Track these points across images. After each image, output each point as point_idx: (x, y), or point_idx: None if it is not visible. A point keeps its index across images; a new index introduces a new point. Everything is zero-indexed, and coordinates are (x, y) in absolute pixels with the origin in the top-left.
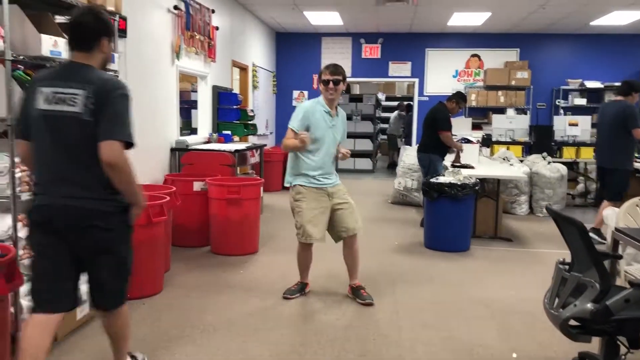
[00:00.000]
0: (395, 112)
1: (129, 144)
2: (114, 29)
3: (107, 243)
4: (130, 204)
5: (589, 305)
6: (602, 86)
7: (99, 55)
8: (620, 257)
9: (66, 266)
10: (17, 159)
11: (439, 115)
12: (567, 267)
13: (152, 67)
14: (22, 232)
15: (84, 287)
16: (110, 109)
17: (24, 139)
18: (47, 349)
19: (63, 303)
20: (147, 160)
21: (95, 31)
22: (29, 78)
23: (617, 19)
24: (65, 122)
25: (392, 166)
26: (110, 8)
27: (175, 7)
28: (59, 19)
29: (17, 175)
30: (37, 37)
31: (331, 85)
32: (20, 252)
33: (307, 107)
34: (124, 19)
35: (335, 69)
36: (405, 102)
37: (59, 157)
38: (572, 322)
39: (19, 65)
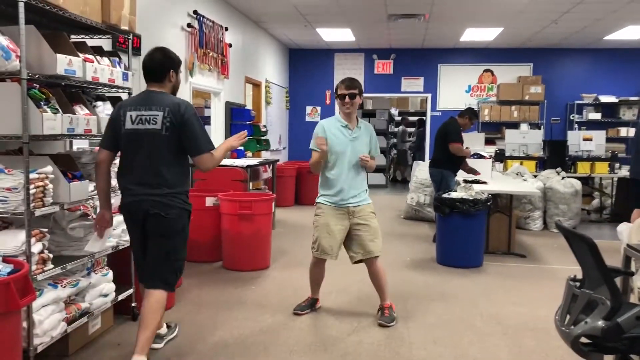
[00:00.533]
0: (400, 127)
1: (212, 149)
2: (179, 62)
3: (164, 228)
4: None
5: (600, 323)
6: (616, 101)
7: (169, 84)
8: (632, 273)
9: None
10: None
11: (449, 128)
12: (578, 283)
13: None
14: (36, 248)
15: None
16: (188, 128)
17: (107, 149)
18: None
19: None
20: None
21: (163, 65)
22: (44, 96)
23: (631, 33)
24: (148, 137)
25: (395, 180)
26: (124, 27)
27: (189, 25)
28: (74, 38)
29: (32, 191)
30: (53, 56)
31: (347, 99)
32: (34, 267)
33: (323, 123)
34: (138, 37)
35: (351, 82)
36: (417, 118)
37: (139, 165)
38: (584, 340)
39: (34, 84)
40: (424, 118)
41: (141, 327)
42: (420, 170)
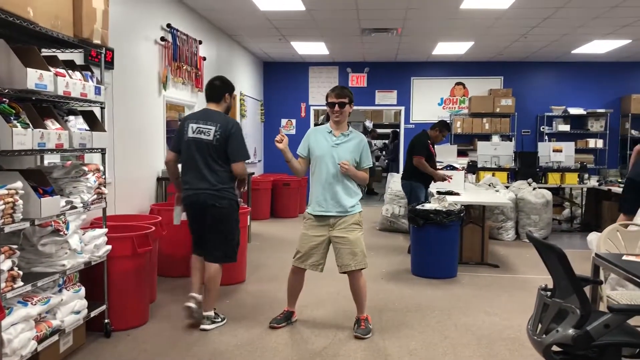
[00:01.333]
0: None
1: (246, 159)
2: (233, 88)
3: (220, 217)
4: (239, 187)
5: (571, 331)
6: (584, 113)
7: (224, 104)
8: (601, 282)
9: (203, 230)
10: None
11: (416, 141)
12: (549, 293)
13: (139, 98)
14: (5, 265)
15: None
16: (234, 140)
17: (173, 151)
18: (203, 268)
19: (202, 251)
20: (133, 190)
21: (221, 89)
22: (13, 111)
23: (597, 47)
24: (203, 145)
25: (371, 192)
26: (97, 41)
27: (162, 39)
28: (45, 52)
29: (1, 207)
30: (23, 70)
31: (337, 108)
32: (3, 284)
33: (310, 130)
34: (110, 51)
35: (341, 91)
36: (391, 130)
37: (197, 165)
38: (556, 348)
39: (4, 99)
40: (398, 130)
41: (206, 291)
42: (395, 182)
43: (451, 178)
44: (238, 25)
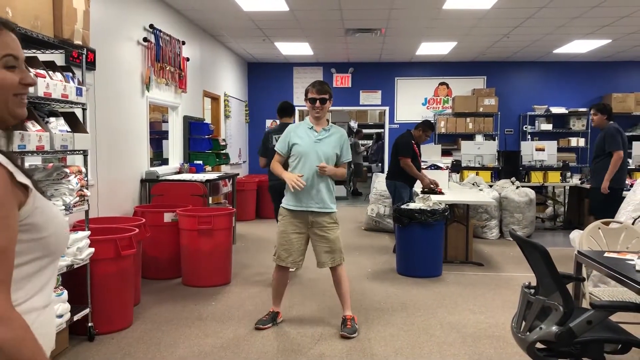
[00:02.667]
0: (351, 140)
1: None
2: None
3: None
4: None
5: (554, 328)
6: (566, 112)
7: (293, 118)
8: (583, 279)
9: None
10: None
11: (400, 142)
12: (532, 290)
13: (121, 99)
14: None
15: None
16: None
17: (264, 157)
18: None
19: None
20: (116, 192)
21: (292, 109)
22: None
23: (578, 47)
24: None
25: (356, 192)
26: (78, 42)
27: (145, 39)
28: (25, 52)
29: None
30: None
31: (318, 104)
32: None
33: (291, 127)
34: (92, 51)
35: (322, 87)
36: (375, 131)
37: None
38: (539, 345)
39: None
40: (380, 132)
41: None
42: (380, 182)
43: (441, 189)
44: (221, 26)
